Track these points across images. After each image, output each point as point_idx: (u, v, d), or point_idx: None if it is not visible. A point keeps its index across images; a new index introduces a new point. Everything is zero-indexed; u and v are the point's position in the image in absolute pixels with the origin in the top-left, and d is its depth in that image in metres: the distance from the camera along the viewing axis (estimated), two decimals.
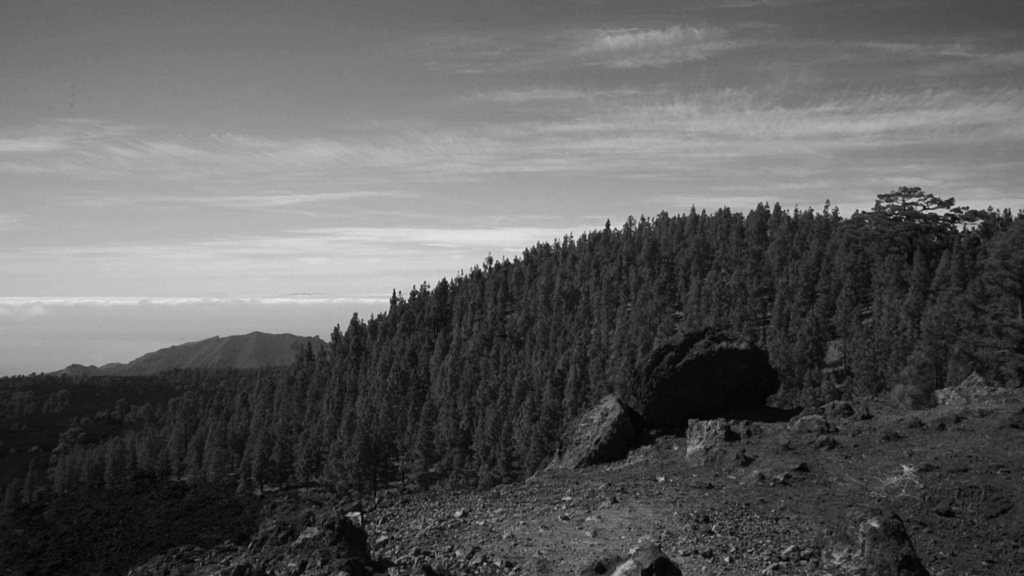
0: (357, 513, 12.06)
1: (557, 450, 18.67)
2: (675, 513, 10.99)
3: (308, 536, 9.01)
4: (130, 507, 70.06)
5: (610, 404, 18.48)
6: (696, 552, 9.22)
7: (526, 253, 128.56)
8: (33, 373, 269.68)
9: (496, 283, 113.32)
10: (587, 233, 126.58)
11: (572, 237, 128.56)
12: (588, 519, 10.95)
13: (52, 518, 70.22)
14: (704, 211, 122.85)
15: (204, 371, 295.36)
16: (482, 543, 10.04)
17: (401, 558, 9.49)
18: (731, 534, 9.90)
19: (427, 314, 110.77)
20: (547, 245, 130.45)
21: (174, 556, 14.96)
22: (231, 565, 8.46)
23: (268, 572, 7.84)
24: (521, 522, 11.02)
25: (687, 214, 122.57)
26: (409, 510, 12.66)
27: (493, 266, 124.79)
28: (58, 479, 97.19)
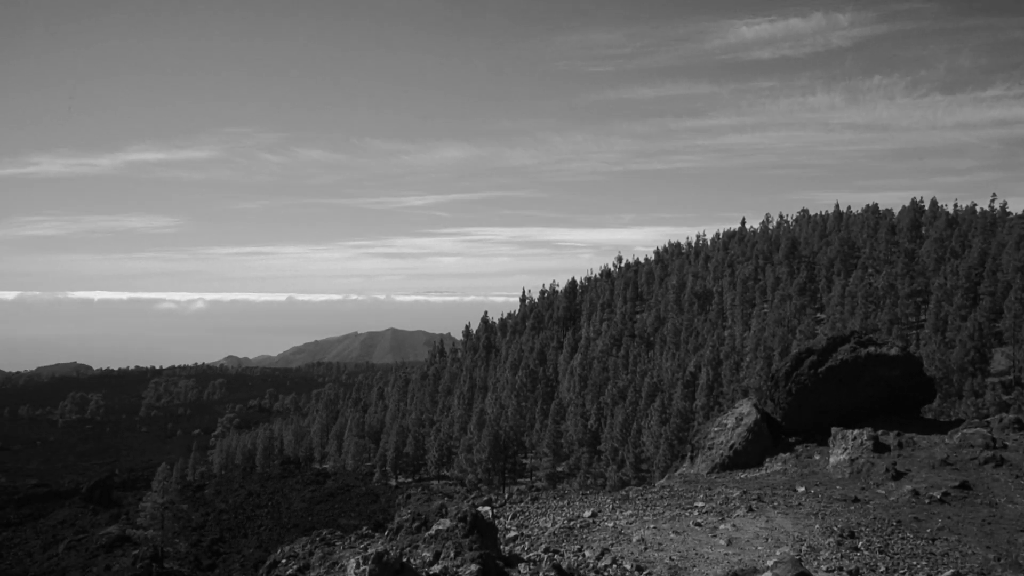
0: (488, 508, 12.27)
1: (688, 454, 18.16)
2: (816, 526, 10.40)
3: (441, 527, 9.25)
4: (278, 490, 75.07)
5: (746, 409, 17.77)
6: (840, 569, 8.68)
7: (656, 252, 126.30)
8: (196, 363, 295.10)
9: (626, 282, 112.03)
10: (720, 231, 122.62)
11: (705, 236, 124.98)
12: (722, 527, 10.58)
13: (212, 496, 76.51)
14: (849, 207, 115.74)
15: (344, 365, 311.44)
16: (611, 545, 9.93)
17: (531, 555, 9.54)
18: (880, 552, 9.24)
19: (556, 313, 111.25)
20: (678, 244, 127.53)
21: (318, 539, 15.83)
22: (369, 551, 8.82)
23: (404, 559, 8.13)
24: (651, 526, 10.80)
25: (830, 211, 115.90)
26: (538, 508, 12.73)
27: (623, 265, 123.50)
28: (216, 461, 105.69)
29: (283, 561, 14.88)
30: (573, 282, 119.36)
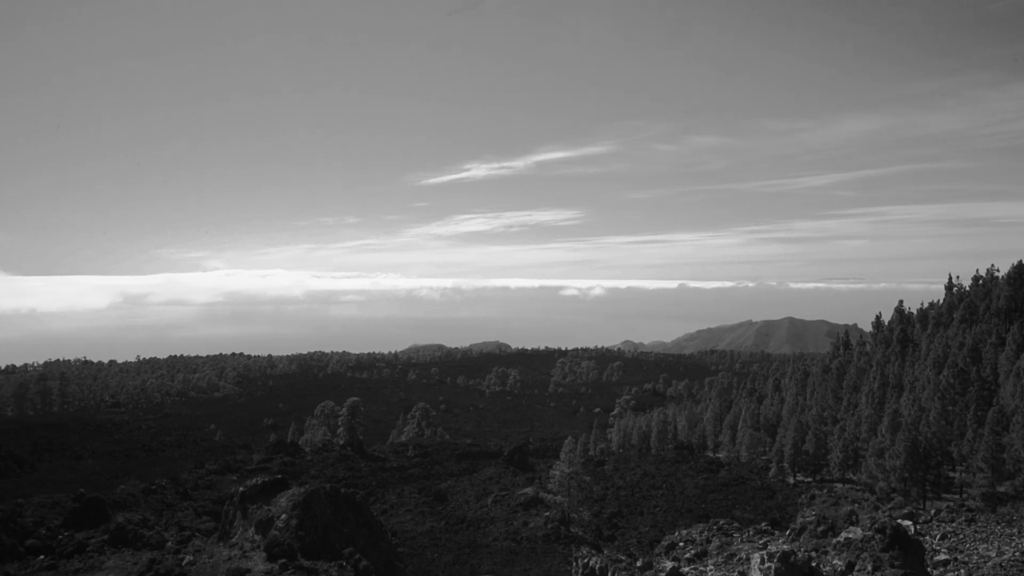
0: (909, 522, 10.71)
1: None
2: None
3: (852, 536, 8.29)
4: (671, 474, 76.84)
5: None
6: None
7: None
8: (596, 346, 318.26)
9: None
10: None
11: None
12: None
13: (611, 472, 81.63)
14: None
15: (737, 353, 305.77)
16: None
17: None
18: None
19: (996, 303, 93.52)
20: None
21: (715, 528, 15.65)
22: (771, 548, 8.30)
23: (813, 564, 7.45)
24: None
25: None
26: (976, 531, 10.72)
27: None
28: (614, 439, 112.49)
29: (680, 544, 15.02)
30: (1020, 266, 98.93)
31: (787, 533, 9.91)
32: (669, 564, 12.86)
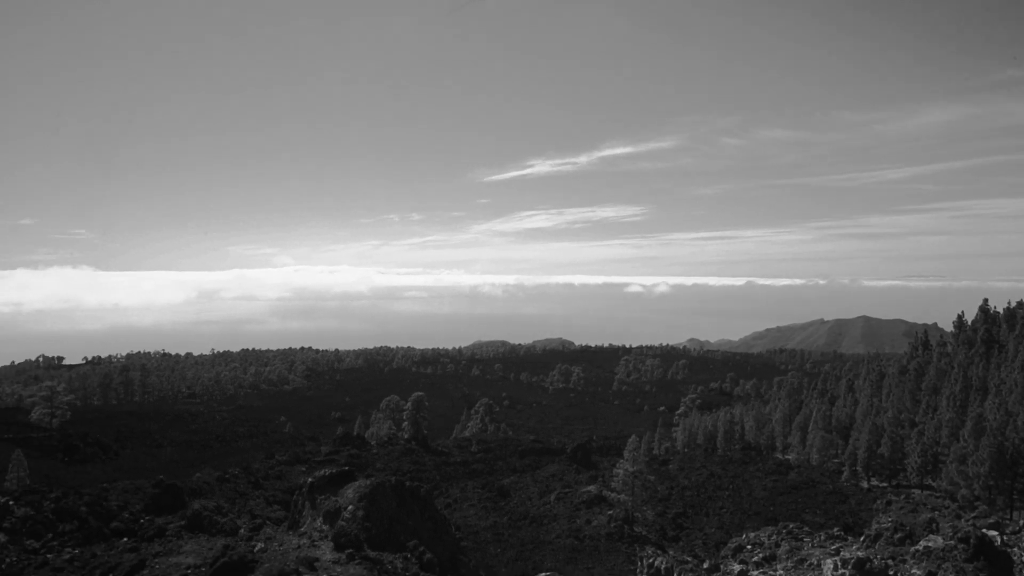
0: (995, 532, 10.15)
1: None
2: None
3: (932, 544, 7.90)
4: (738, 475, 75.19)
5: None
6: None
7: None
8: (660, 344, 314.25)
9: None
10: None
11: None
12: None
13: (676, 472, 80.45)
14: None
15: (808, 352, 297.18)
16: None
17: None
18: None
19: None
20: None
21: (784, 531, 15.14)
22: (843, 554, 7.97)
23: (891, 573, 7.12)
24: None
25: None
26: None
27: None
28: (679, 438, 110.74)
29: (748, 547, 14.64)
30: None
31: (861, 539, 9.52)
32: (737, 567, 12.56)
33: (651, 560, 14.61)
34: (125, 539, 33.68)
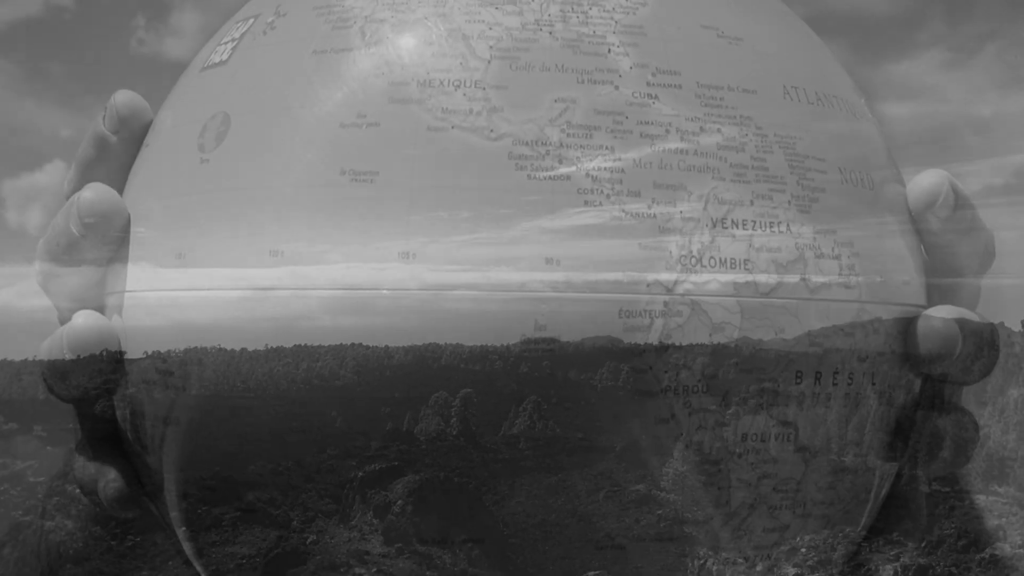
0: None
1: None
2: None
3: (999, 553, 8.18)
4: None
5: None
6: None
7: None
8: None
9: None
10: None
11: None
12: None
13: None
14: None
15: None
16: None
17: None
18: None
19: None
20: None
21: (839, 534, 15.21)
22: (903, 560, 8.33)
23: None
24: None
25: None
26: None
27: None
28: None
29: (803, 550, 14.80)
30: None
31: (922, 545, 9.77)
32: (792, 570, 12.75)
33: (702, 561, 14.93)
34: (183, 528, 35.53)
